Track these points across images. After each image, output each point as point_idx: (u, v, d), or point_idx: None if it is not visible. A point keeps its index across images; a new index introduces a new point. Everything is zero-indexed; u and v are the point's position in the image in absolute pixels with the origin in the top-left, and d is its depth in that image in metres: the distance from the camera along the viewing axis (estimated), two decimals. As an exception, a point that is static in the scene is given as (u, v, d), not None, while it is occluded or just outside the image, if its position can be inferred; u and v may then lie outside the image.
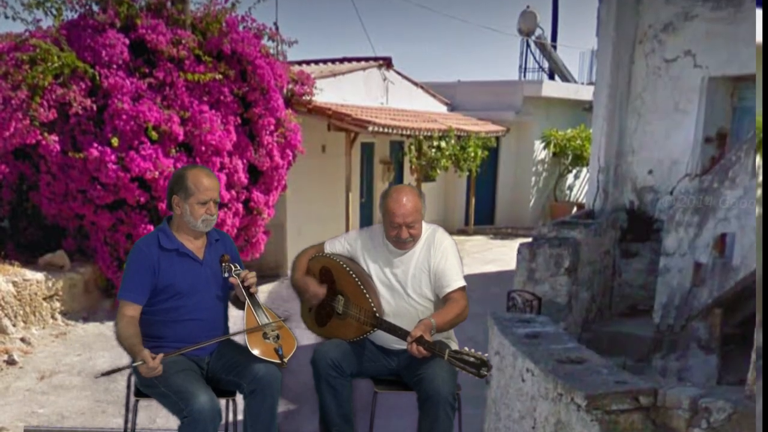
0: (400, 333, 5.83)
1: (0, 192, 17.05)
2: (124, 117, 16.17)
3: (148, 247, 5.86)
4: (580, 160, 33.51)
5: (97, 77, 16.41)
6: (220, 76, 17.58)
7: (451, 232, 23.52)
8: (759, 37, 8.86)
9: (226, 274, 5.91)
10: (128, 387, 5.88)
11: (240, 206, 18.56)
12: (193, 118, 16.94)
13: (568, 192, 36.20)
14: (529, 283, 10.53)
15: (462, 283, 6.15)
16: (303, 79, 20.76)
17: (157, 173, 16.16)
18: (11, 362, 13.43)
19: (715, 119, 12.36)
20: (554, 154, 34.30)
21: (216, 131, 17.05)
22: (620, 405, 5.16)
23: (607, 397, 5.18)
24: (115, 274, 16.95)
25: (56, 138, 16.14)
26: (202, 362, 5.89)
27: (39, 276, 15.68)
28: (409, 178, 29.43)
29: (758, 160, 8.00)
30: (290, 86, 20.29)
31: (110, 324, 16.33)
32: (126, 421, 5.94)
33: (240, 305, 6.11)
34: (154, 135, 16.35)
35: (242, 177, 18.28)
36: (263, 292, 20.52)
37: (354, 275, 6.06)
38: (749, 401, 4.84)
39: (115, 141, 16.13)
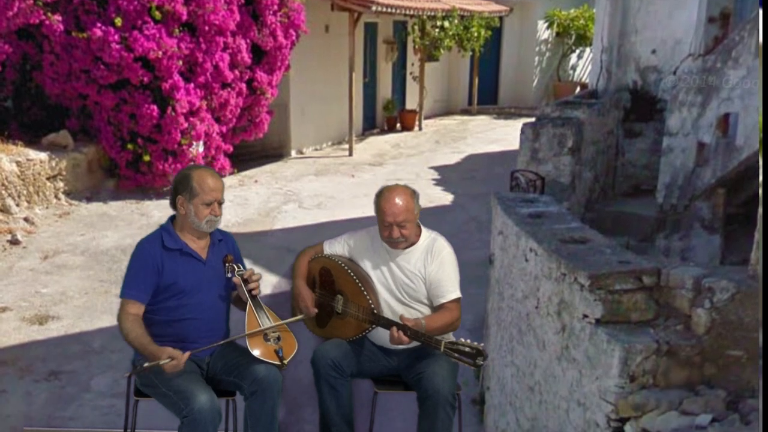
0: (409, 334, 5.81)
1: (3, 72, 16.93)
2: (127, -4, 16.02)
3: (151, 246, 5.82)
4: (583, 40, 33.36)
5: (99, -45, 16.23)
6: (223, -46, 17.37)
7: (455, 113, 23.66)
8: (760, 38, 8.75)
9: (229, 275, 5.87)
10: (128, 387, 5.87)
11: (243, 86, 18.52)
12: (196, -3, 16.77)
13: (571, 72, 36.06)
14: (532, 163, 10.51)
15: (457, 294, 6.08)
16: (305, -42, 20.54)
17: (160, 53, 16.08)
18: (15, 242, 13.49)
19: (718, -2, 12.23)
20: (557, 34, 34.13)
21: (219, 11, 16.90)
22: (623, 285, 5.16)
23: (610, 276, 5.18)
24: (119, 154, 17.00)
25: (60, 18, 16.01)
26: (202, 363, 5.86)
27: (42, 156, 15.71)
28: (412, 58, 29.30)
29: (760, 161, 7.96)
30: (293, -35, 20.07)
31: (114, 204, 16.43)
32: (126, 421, 5.94)
33: (241, 305, 6.06)
34: (157, 15, 16.22)
35: (245, 57, 18.20)
36: (265, 171, 20.56)
37: (352, 274, 6.02)
38: (752, 281, 4.84)
39: (118, 21, 16.01)
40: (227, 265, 5.84)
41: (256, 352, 5.51)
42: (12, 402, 8.66)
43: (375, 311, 5.86)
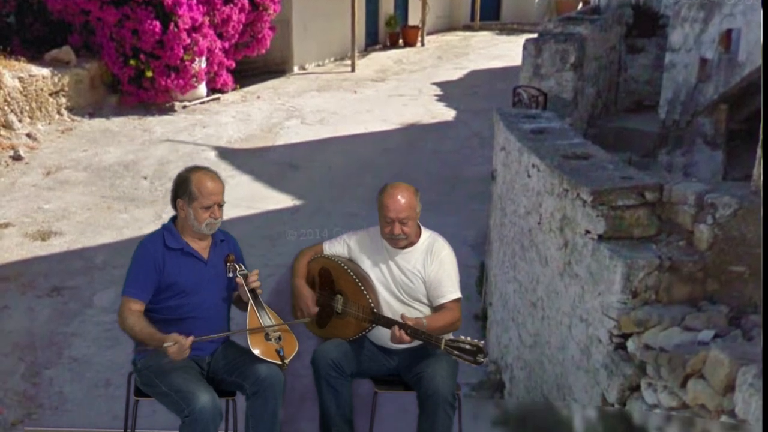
0: (410, 333, 5.79)
1: (6, -12, 16.87)
2: None
3: (153, 245, 5.78)
4: (586, -46, 33.14)
5: None
6: None
7: (457, 29, 23.50)
8: (760, 39, 8.68)
9: (231, 274, 5.85)
10: (128, 387, 5.86)
11: (246, 2, 18.42)
12: None
13: (574, -13, 35.84)
14: (534, 79, 10.49)
15: (457, 294, 6.03)
16: None
17: (162, -32, 16.00)
18: (17, 158, 13.49)
19: None
20: (561, -52, 33.88)
21: (222, -76, 16.82)
22: (626, 200, 5.17)
23: (612, 192, 5.19)
24: (121, 70, 16.92)
25: (61, -69, 15.91)
26: (202, 362, 5.83)
27: (45, 72, 15.64)
28: (414, -28, 29.13)
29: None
30: None
31: (116, 120, 16.40)
32: (126, 421, 5.94)
33: (242, 306, 6.04)
34: (159, -72, 16.09)
35: (248, -28, 18.13)
36: (268, 87, 20.50)
37: (352, 274, 5.98)
38: (755, 197, 4.85)
39: (120, -65, 15.90)
40: (229, 264, 5.83)
41: (257, 351, 5.49)
42: (14, 318, 8.73)
43: (375, 310, 5.87)
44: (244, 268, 5.81)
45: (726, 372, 3.93)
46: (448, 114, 18.27)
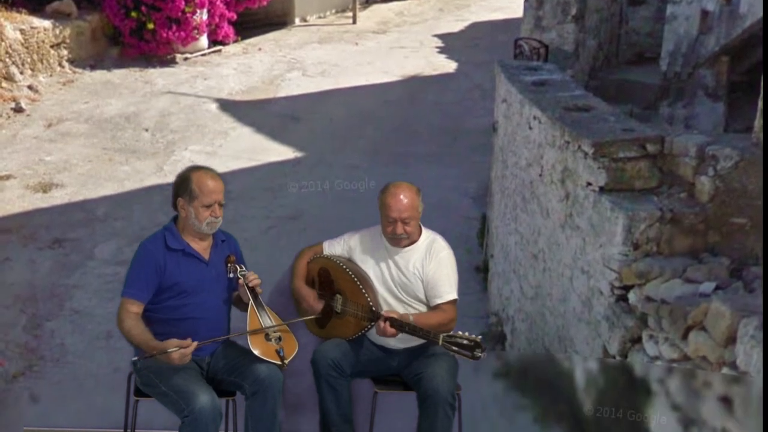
0: (395, 325, 5.80)
1: (6, -60, 16.78)
2: None
3: (153, 246, 5.76)
4: None
5: None
6: None
7: (458, -21, 23.00)
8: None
9: (232, 275, 5.84)
10: (128, 387, 5.86)
11: (247, -48, 18.37)
12: None
13: (576, -62, 35.56)
14: (536, 31, 10.46)
15: (453, 296, 6.01)
16: None
17: None
18: (18, 110, 13.48)
19: None
20: None
21: None
22: (627, 152, 5.18)
23: (614, 144, 5.20)
24: (122, 22, 16.84)
25: None
26: (202, 362, 5.81)
27: (46, 23, 15.58)
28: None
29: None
30: None
31: (117, 72, 16.34)
32: (126, 421, 5.94)
33: (242, 306, 6.03)
34: None
35: None
36: (269, 39, 20.43)
37: (351, 273, 5.96)
38: (756, 148, 4.86)
39: None
40: (229, 265, 5.82)
41: (257, 351, 5.49)
42: (16, 270, 8.76)
43: (374, 309, 5.88)
44: (244, 268, 5.80)
45: (727, 324, 3.96)
46: (450, 66, 18.24)
